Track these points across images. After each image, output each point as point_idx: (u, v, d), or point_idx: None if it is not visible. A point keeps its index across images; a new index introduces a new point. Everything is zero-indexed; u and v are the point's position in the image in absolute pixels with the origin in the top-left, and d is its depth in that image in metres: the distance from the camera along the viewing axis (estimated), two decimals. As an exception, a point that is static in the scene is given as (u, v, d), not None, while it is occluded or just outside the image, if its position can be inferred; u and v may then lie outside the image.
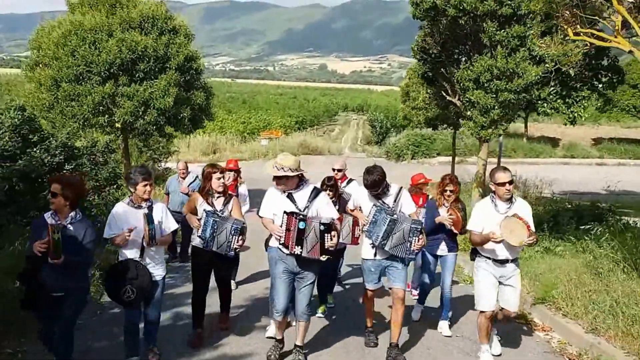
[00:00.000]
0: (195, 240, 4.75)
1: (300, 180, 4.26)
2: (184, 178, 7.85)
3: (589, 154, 25.52)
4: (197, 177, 7.66)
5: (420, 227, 4.36)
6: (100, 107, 12.00)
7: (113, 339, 4.74)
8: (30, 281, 3.67)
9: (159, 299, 4.21)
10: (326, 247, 4.09)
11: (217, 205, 4.70)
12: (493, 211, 4.26)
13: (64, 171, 8.43)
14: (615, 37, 4.61)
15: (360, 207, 4.66)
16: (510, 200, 4.26)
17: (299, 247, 4.09)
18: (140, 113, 11.92)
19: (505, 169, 4.31)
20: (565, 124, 15.31)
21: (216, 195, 4.74)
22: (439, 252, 5.28)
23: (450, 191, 5.20)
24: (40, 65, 12.76)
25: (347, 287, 6.70)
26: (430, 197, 5.77)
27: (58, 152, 8.70)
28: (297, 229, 4.07)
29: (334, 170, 5.94)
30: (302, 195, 4.25)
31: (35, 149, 8.45)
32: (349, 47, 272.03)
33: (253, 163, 22.42)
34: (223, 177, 4.78)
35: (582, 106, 10.45)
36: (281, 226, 4.16)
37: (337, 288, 6.25)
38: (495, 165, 14.81)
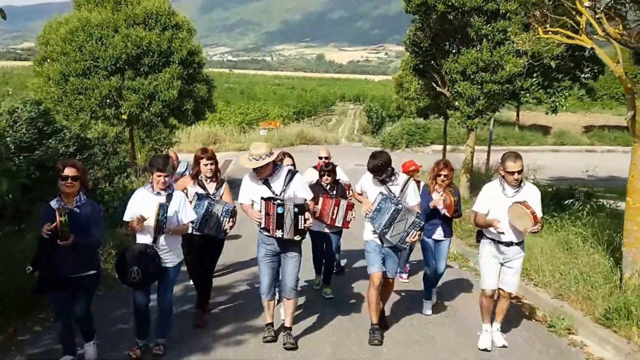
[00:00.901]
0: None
1: (275, 165, 4.35)
2: (175, 167, 8.24)
3: (579, 141, 26.13)
4: (187, 164, 7.66)
5: (422, 222, 4.43)
6: (107, 100, 12.55)
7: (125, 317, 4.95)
8: (43, 265, 3.80)
9: (169, 286, 4.23)
10: (300, 227, 4.21)
11: (210, 189, 4.80)
12: (500, 195, 4.25)
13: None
14: (580, 35, 5.18)
15: (366, 193, 4.64)
16: (519, 185, 4.24)
17: (280, 230, 4.20)
18: (146, 105, 12.48)
19: (517, 156, 4.23)
20: (547, 113, 15.88)
21: (208, 179, 4.82)
22: (435, 237, 5.29)
23: (445, 176, 5.21)
24: (49, 60, 13.28)
25: (345, 270, 6.86)
26: (422, 183, 5.82)
27: (72, 143, 9.30)
28: (276, 214, 4.16)
29: (320, 158, 6.07)
30: (277, 180, 4.34)
31: (50, 140, 9.04)
32: (346, 37, 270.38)
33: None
34: (211, 162, 4.81)
35: (564, 96, 11.03)
36: (260, 211, 4.24)
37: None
38: (485, 153, 15.47)
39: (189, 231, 4.53)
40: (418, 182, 5.99)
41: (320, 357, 4.36)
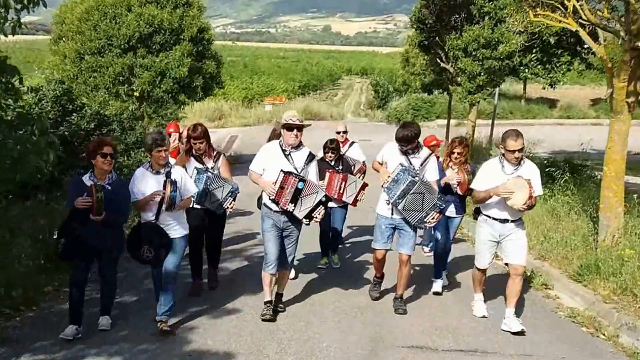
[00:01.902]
0: None
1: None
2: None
3: (586, 114, 26.22)
4: None
5: (443, 205, 4.41)
6: (120, 78, 13.07)
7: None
8: (69, 234, 3.95)
9: (177, 255, 4.22)
10: (313, 215, 4.27)
11: (208, 163, 4.83)
12: (500, 172, 4.23)
13: (95, 136, 9.62)
14: (567, 18, 5.59)
15: (386, 164, 4.58)
16: (518, 162, 4.21)
17: (293, 204, 4.19)
18: (157, 82, 12.97)
19: (517, 135, 4.17)
20: (544, 88, 16.15)
21: (201, 154, 4.83)
22: (447, 214, 5.16)
23: (458, 153, 5.13)
24: (64, 39, 13.75)
25: (346, 245, 6.91)
26: (440, 159, 5.64)
27: (92, 119, 9.89)
28: (295, 188, 4.15)
29: (338, 132, 6.10)
30: (299, 156, 4.35)
31: (73, 117, 9.63)
32: (354, 6, 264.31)
33: (257, 128, 23.44)
34: (200, 142, 4.78)
35: (562, 71, 11.37)
36: (275, 183, 4.20)
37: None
38: (488, 127, 15.84)
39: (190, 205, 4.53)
40: (437, 158, 5.78)
41: (326, 335, 4.26)
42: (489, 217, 4.35)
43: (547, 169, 8.42)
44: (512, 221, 4.31)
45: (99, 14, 12.96)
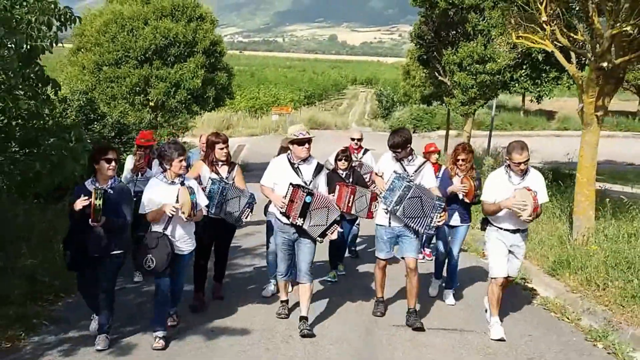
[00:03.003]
0: None
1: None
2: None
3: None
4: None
5: (443, 204, 4.40)
6: (137, 88, 13.86)
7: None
8: (74, 244, 3.94)
9: (182, 272, 4.28)
10: (326, 234, 4.29)
11: (222, 173, 4.79)
12: (507, 182, 4.28)
13: (114, 143, 10.36)
14: (545, 40, 6.28)
15: (382, 174, 4.65)
16: (524, 173, 4.26)
17: (302, 219, 4.21)
18: (172, 93, 13.76)
19: (522, 147, 4.22)
20: (531, 101, 16.81)
21: (220, 163, 4.81)
22: (452, 223, 5.14)
23: (462, 160, 5.10)
24: (82, 51, 14.58)
25: (358, 256, 6.84)
26: (443, 167, 5.70)
27: (113, 128, 10.67)
28: (304, 203, 4.17)
29: (352, 139, 6.05)
30: (308, 168, 4.38)
31: (95, 125, 10.41)
32: (359, 17, 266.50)
33: (264, 138, 24.20)
34: (226, 147, 4.82)
35: (550, 86, 12.08)
36: (285, 197, 4.22)
37: (348, 256, 6.44)
38: (486, 138, 16.51)
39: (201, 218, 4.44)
40: (437, 165, 5.83)
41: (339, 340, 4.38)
42: (500, 228, 4.38)
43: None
44: (521, 231, 4.40)
45: (117, 26, 13.80)
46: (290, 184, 4.25)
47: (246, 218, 4.80)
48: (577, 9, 5.94)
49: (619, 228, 6.33)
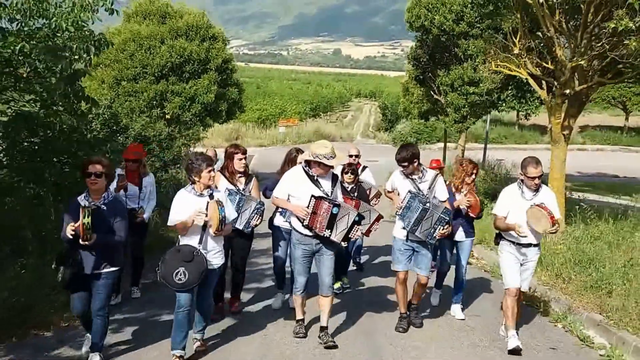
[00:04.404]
0: None
1: None
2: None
3: (572, 140, 27.75)
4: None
5: (448, 217, 4.48)
6: (154, 102, 14.91)
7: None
8: (68, 263, 3.79)
9: (211, 287, 4.18)
10: (350, 236, 4.29)
11: (240, 185, 4.80)
12: (519, 198, 4.33)
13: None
14: (520, 68, 7.23)
15: (398, 191, 4.68)
16: (537, 189, 4.33)
17: (329, 230, 4.19)
18: (187, 106, 14.81)
19: (537, 162, 4.29)
20: (519, 119, 17.74)
21: (238, 174, 4.80)
22: (456, 238, 5.19)
23: (475, 174, 5.22)
24: (102, 66, 15.67)
25: (362, 269, 6.93)
26: (447, 182, 5.56)
27: (135, 140, 11.63)
28: (330, 214, 4.14)
29: (350, 156, 5.94)
30: (326, 180, 4.33)
31: (119, 137, 11.38)
32: (363, 31, 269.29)
33: (272, 149, 25.19)
34: (245, 157, 4.83)
35: (535, 105, 13.07)
36: (307, 207, 4.18)
37: (352, 269, 6.50)
38: (481, 151, 17.42)
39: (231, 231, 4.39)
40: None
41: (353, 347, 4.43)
42: (512, 242, 4.45)
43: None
44: (534, 245, 4.46)
45: (135, 45, 14.93)
46: (312, 195, 4.21)
47: (255, 223, 4.77)
48: (542, 44, 6.89)
49: (585, 231, 7.20)
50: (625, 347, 4.36)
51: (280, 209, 4.76)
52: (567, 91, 6.31)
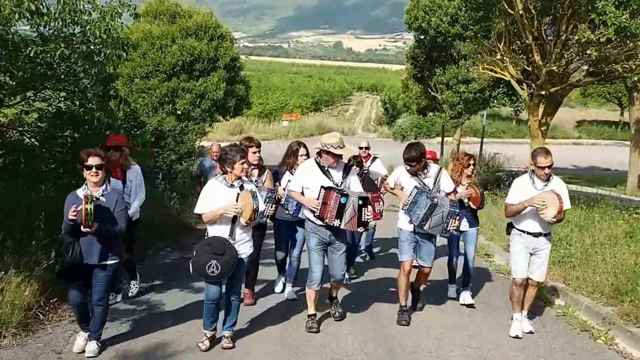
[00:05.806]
0: None
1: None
2: (216, 160, 7.59)
3: (568, 134, 28.67)
4: None
5: (458, 211, 4.55)
6: (166, 99, 15.75)
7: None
8: (67, 252, 3.78)
9: (241, 277, 4.24)
10: (363, 220, 4.33)
11: (253, 177, 4.88)
12: (530, 187, 4.43)
13: (156, 149, 12.13)
14: (504, 71, 8.08)
15: (402, 186, 4.75)
16: (547, 179, 4.40)
17: (339, 220, 4.28)
18: (197, 103, 15.64)
19: (547, 152, 4.39)
20: (511, 115, 18.61)
21: (251, 167, 4.87)
22: (461, 228, 5.23)
23: (473, 165, 5.36)
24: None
25: (374, 258, 7.15)
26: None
27: (152, 134, 12.49)
28: (339, 204, 4.24)
29: (360, 148, 6.18)
30: (337, 171, 4.45)
31: (137, 132, 12.23)
32: (363, 24, 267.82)
33: (275, 143, 25.98)
34: (259, 151, 4.94)
35: (524, 102, 13.94)
36: (317, 199, 4.29)
37: (359, 261, 6.67)
38: (478, 144, 18.28)
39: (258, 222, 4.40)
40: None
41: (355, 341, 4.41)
42: (523, 231, 4.51)
43: (506, 180, 10.81)
44: (544, 235, 4.50)
45: (147, 44, 15.74)
46: (322, 186, 4.33)
47: (270, 213, 4.85)
48: (520, 51, 7.74)
49: (570, 221, 7.94)
50: (578, 306, 5.24)
51: (283, 201, 4.93)
52: (543, 92, 7.15)
